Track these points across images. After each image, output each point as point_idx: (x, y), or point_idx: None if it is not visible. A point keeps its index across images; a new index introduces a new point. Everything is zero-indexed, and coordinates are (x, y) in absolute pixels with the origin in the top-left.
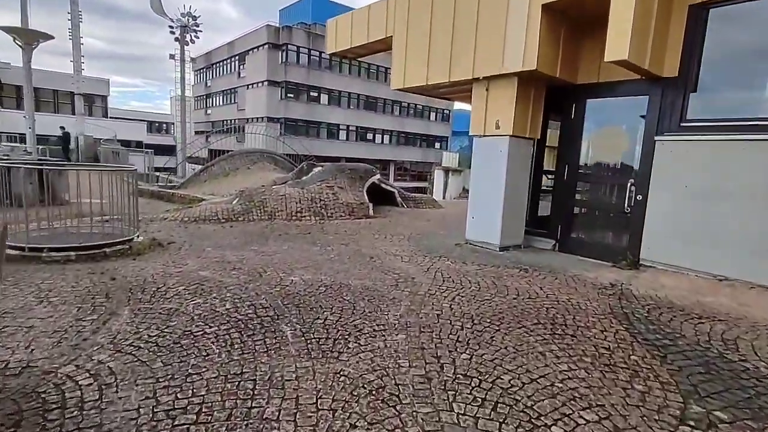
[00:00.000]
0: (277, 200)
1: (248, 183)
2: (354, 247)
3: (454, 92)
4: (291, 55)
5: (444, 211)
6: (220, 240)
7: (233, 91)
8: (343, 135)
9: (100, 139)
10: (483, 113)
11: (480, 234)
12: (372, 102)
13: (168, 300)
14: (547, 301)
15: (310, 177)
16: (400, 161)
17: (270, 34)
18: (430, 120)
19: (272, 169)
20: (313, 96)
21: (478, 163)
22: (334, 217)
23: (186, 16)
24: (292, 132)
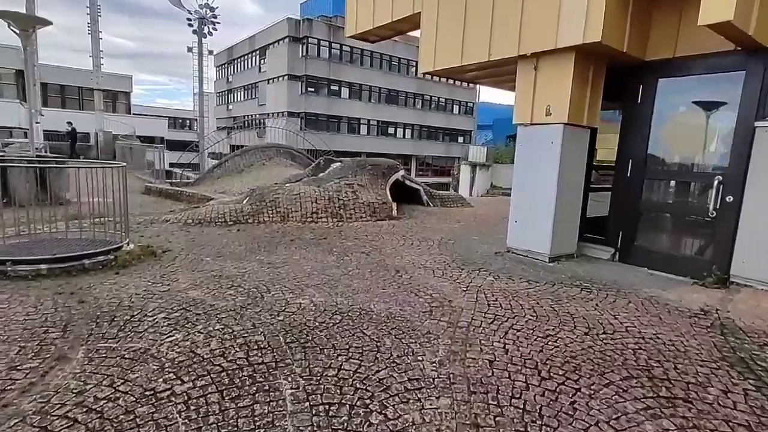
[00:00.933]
0: (291, 200)
1: (263, 180)
2: (376, 256)
3: (492, 75)
4: (312, 48)
5: (474, 211)
6: (223, 247)
7: (254, 86)
8: (364, 129)
9: (118, 135)
10: (530, 98)
11: (525, 241)
12: (393, 95)
13: (139, 335)
14: (630, 337)
15: (328, 174)
16: (422, 156)
17: (291, 28)
18: (453, 113)
19: (288, 165)
20: (334, 90)
21: (524, 157)
22: (354, 218)
23: (204, 8)
24: (313, 126)
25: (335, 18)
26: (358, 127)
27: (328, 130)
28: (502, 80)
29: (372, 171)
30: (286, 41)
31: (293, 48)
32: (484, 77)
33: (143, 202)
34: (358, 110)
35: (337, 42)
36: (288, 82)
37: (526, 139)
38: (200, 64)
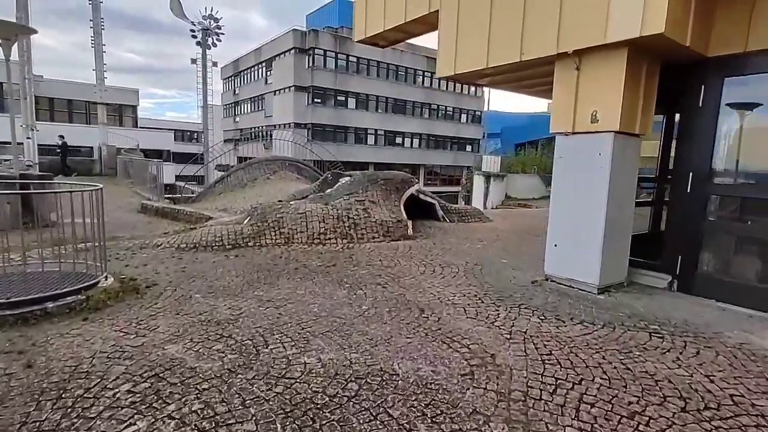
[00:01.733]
0: (296, 220)
1: (267, 195)
2: (395, 289)
3: (521, 79)
4: (318, 59)
5: (494, 227)
6: (217, 279)
7: (261, 97)
8: (371, 139)
9: (121, 149)
10: (571, 103)
11: (567, 268)
12: (400, 105)
13: (88, 423)
14: (743, 414)
15: (336, 189)
16: (430, 165)
17: (296, 39)
18: (460, 122)
19: (294, 179)
20: (341, 100)
21: (564, 171)
22: (366, 238)
23: (208, 19)
24: (320, 137)
25: (341, 29)
26: (366, 137)
27: (335, 140)
28: (533, 84)
29: (384, 186)
30: (292, 52)
31: (299, 59)
32: (511, 81)
33: (137, 223)
34: (365, 120)
35: (343, 52)
36: (294, 93)
37: (567, 150)
38: (204, 76)
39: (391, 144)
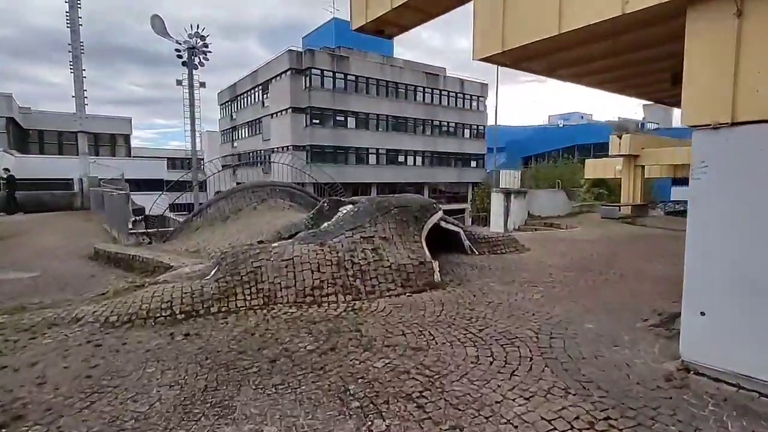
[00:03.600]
0: (280, 270)
1: (251, 230)
2: (439, 412)
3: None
4: (315, 79)
5: (538, 258)
6: (137, 394)
7: (258, 121)
8: (373, 159)
9: (102, 180)
10: (725, 73)
11: (734, 354)
12: (401, 122)
13: None
14: None
15: (336, 223)
16: (435, 183)
17: (292, 60)
18: (463, 137)
19: (286, 208)
20: (340, 120)
21: (715, 188)
22: (378, 292)
23: (194, 38)
24: (320, 159)
25: (338, 48)
26: (367, 157)
27: (335, 162)
28: (627, 65)
29: (399, 216)
30: (289, 74)
31: (296, 80)
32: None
33: (78, 276)
34: (365, 140)
35: (341, 71)
36: (292, 115)
37: (719, 153)
38: (191, 97)
39: (393, 163)
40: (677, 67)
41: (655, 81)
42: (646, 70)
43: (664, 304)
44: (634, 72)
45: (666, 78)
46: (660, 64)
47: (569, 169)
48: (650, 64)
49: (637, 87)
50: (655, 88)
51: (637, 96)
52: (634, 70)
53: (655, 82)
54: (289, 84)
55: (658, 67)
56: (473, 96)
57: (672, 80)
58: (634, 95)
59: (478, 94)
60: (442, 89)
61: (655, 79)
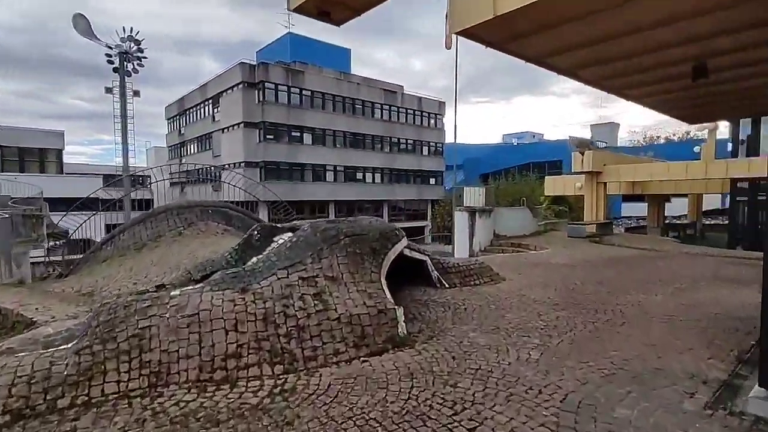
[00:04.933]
0: (177, 331)
1: (168, 263)
2: None
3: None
4: (269, 93)
5: (519, 290)
6: None
7: (208, 136)
8: (330, 176)
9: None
10: None
11: None
12: (359, 139)
13: None
14: None
15: (267, 258)
16: (394, 201)
17: (245, 73)
18: (422, 155)
19: (220, 233)
20: (295, 136)
21: None
22: (321, 359)
23: (126, 41)
24: (274, 176)
25: (294, 63)
26: (324, 174)
27: (291, 179)
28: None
29: (352, 247)
30: (241, 87)
31: (248, 94)
32: (588, 45)
33: None
34: (322, 156)
35: (296, 86)
36: (244, 130)
37: None
38: (123, 107)
39: (351, 180)
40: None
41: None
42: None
43: (698, 362)
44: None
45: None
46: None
47: (528, 186)
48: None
49: (657, 95)
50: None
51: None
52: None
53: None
54: (242, 98)
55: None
56: (431, 113)
57: (693, 75)
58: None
59: (436, 112)
60: (400, 106)
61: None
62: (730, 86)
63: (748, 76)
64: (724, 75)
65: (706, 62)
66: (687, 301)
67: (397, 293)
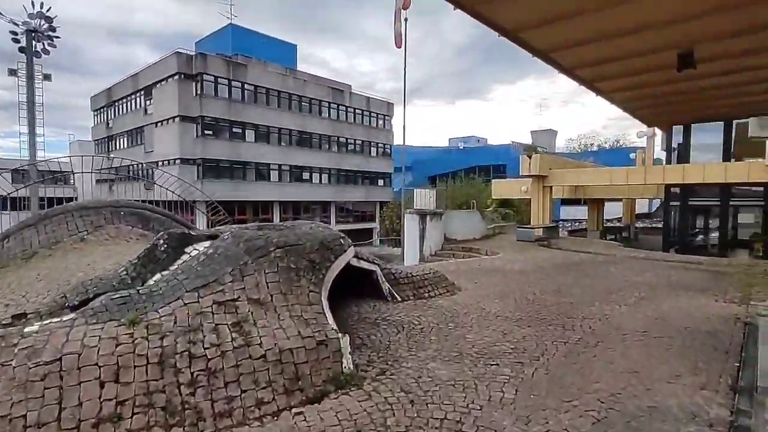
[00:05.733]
0: (28, 386)
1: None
2: None
3: None
4: (207, 86)
5: (477, 302)
6: None
7: (139, 130)
8: (275, 175)
9: None
10: None
11: None
12: (305, 137)
13: None
14: None
15: (172, 277)
16: (342, 202)
17: (181, 63)
18: (370, 156)
19: (135, 238)
20: (237, 133)
21: None
22: (238, 415)
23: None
24: (213, 175)
25: (236, 56)
26: (268, 173)
27: (232, 178)
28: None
29: (286, 261)
30: (176, 78)
31: (185, 86)
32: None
33: None
34: (266, 155)
35: (238, 80)
36: (180, 124)
37: None
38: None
39: (297, 180)
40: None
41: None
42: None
43: (692, 395)
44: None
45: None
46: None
47: (475, 188)
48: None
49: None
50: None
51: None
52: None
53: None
54: (177, 90)
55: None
56: (379, 114)
57: (679, 64)
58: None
59: (384, 113)
60: (348, 105)
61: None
62: (711, 83)
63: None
64: (699, 81)
65: (693, 51)
66: (653, 312)
67: (341, 311)
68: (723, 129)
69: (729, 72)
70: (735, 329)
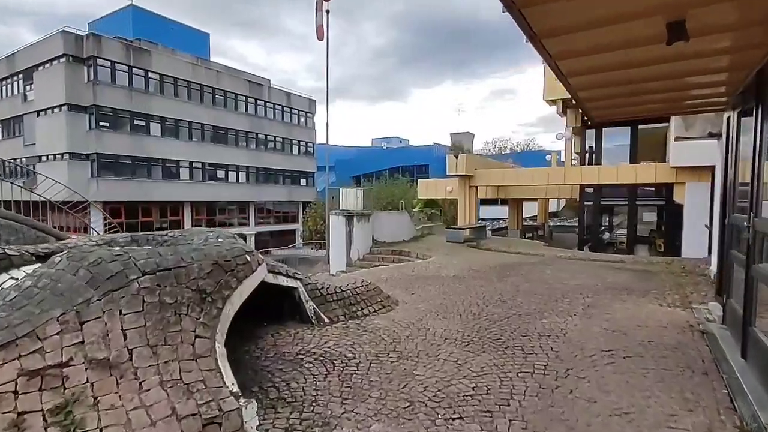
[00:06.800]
0: None
1: None
2: None
3: None
4: (103, 72)
5: (417, 319)
6: None
7: (17, 119)
8: (186, 173)
9: None
10: None
11: None
12: (221, 133)
13: None
14: None
15: None
16: (261, 202)
17: (69, 44)
18: (292, 154)
19: None
20: (139, 125)
21: None
22: None
23: None
24: (112, 172)
25: (138, 41)
26: (178, 171)
27: (135, 176)
28: None
29: (156, 295)
30: (63, 61)
31: (74, 70)
32: None
33: None
34: (176, 151)
35: (140, 67)
36: (68, 114)
37: None
38: None
39: (212, 179)
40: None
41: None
42: None
43: None
44: None
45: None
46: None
47: (400, 188)
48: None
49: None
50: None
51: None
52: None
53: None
54: (64, 74)
55: None
56: (301, 111)
57: (669, 36)
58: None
59: (306, 110)
60: (267, 101)
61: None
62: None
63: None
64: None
65: (685, 20)
66: (608, 324)
67: (250, 345)
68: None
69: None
70: (697, 341)
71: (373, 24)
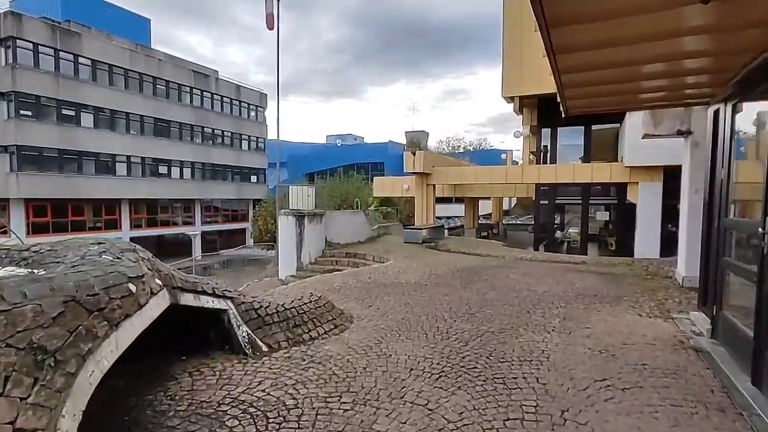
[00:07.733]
0: None
1: None
2: None
3: None
4: (24, 55)
5: (375, 342)
6: None
7: None
8: (123, 169)
9: None
10: None
11: None
12: (164, 126)
13: None
14: None
15: None
16: (209, 200)
17: None
18: (241, 149)
19: None
20: (68, 115)
21: None
22: None
23: None
24: (36, 167)
25: (68, 23)
26: (114, 166)
27: (62, 170)
28: None
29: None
30: None
31: None
32: None
33: None
34: (113, 144)
35: (69, 51)
36: None
37: None
38: None
39: (153, 174)
40: None
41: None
42: None
43: None
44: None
45: None
46: None
47: (354, 186)
48: None
49: None
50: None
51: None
52: None
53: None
54: None
55: None
56: (251, 105)
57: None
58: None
59: (257, 104)
60: (215, 93)
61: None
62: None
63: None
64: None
65: None
66: (591, 343)
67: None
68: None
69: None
70: (694, 362)
71: (327, 19)
